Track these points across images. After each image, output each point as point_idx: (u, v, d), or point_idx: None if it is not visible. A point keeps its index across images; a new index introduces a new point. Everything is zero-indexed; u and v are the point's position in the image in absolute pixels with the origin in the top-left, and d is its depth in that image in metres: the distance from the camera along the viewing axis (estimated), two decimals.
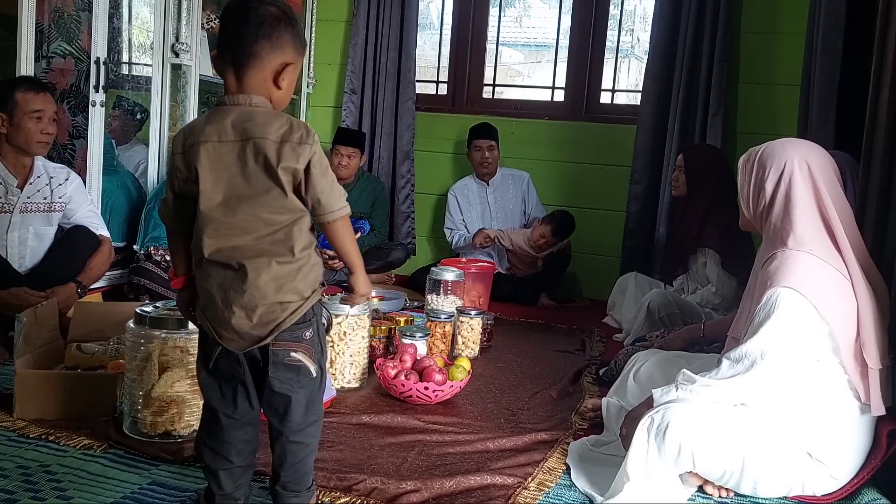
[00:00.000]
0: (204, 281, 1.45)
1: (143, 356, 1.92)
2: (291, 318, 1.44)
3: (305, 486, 1.54)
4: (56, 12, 3.17)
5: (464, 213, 4.39)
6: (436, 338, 2.81)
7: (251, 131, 1.40)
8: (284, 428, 1.49)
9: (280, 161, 1.39)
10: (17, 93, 2.65)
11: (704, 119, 3.97)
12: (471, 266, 3.66)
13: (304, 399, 1.49)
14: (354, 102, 4.67)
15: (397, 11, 4.52)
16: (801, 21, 3.60)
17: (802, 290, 1.76)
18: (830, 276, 1.80)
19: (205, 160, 1.40)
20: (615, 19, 4.44)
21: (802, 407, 1.80)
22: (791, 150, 1.92)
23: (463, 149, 4.46)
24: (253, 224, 1.41)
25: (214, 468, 1.51)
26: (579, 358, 3.02)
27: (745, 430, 1.78)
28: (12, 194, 2.73)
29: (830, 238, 1.84)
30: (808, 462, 1.79)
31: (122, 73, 3.75)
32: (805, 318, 1.76)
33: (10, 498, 1.61)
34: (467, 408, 2.38)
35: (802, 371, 1.79)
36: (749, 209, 1.98)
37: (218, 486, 1.52)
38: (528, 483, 1.84)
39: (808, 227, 1.84)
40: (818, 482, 1.81)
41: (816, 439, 1.79)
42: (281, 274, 1.42)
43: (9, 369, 2.31)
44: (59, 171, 2.89)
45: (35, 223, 2.79)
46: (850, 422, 1.81)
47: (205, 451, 1.52)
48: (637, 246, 4.16)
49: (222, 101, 1.46)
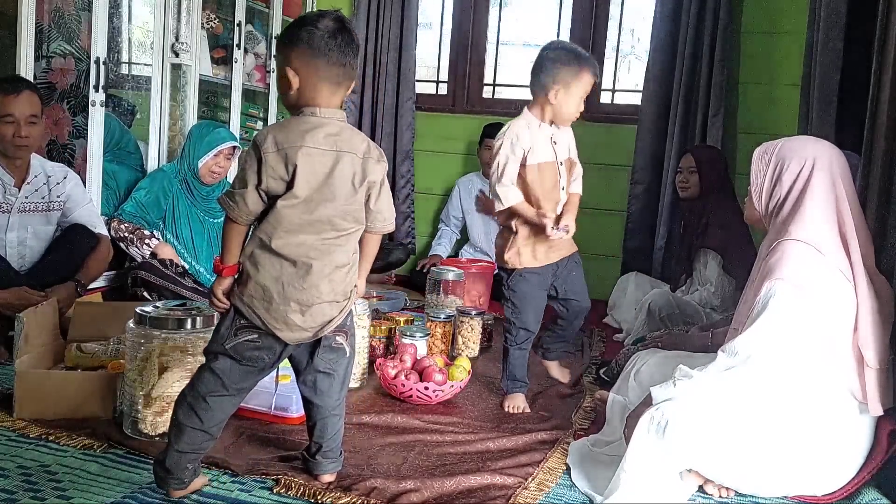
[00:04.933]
0: (257, 273, 1.58)
1: (143, 356, 1.92)
2: (340, 315, 1.65)
3: (340, 450, 1.79)
4: (56, 12, 3.16)
5: (464, 206, 4.40)
6: (436, 338, 2.81)
7: (341, 145, 1.59)
8: (325, 403, 1.73)
9: (366, 175, 1.61)
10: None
11: (704, 119, 3.96)
12: (471, 266, 3.66)
13: (343, 375, 1.74)
14: (354, 102, 4.66)
15: (397, 11, 4.52)
16: (801, 21, 3.59)
17: (799, 284, 1.77)
18: (830, 271, 1.80)
19: (303, 162, 1.55)
20: (615, 19, 4.43)
21: (800, 405, 1.80)
22: (814, 147, 1.93)
23: (463, 148, 4.47)
24: (324, 226, 1.59)
25: (186, 425, 1.61)
26: (579, 358, 3.02)
27: (745, 428, 1.78)
28: (10, 194, 2.72)
29: (840, 238, 1.84)
30: (808, 461, 1.79)
31: (122, 72, 3.75)
32: (800, 311, 1.76)
33: (10, 498, 1.61)
34: (467, 408, 2.38)
35: (799, 365, 1.78)
36: (762, 202, 1.97)
37: (178, 443, 1.62)
38: (528, 483, 1.84)
39: (818, 223, 1.84)
40: (817, 481, 1.81)
41: (815, 438, 1.79)
42: (337, 277, 1.62)
43: (9, 369, 2.31)
44: (57, 169, 2.89)
45: (34, 223, 2.79)
46: (848, 421, 1.81)
47: (182, 407, 1.63)
48: (637, 246, 4.16)
49: (312, 113, 1.60)
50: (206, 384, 1.61)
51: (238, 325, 1.61)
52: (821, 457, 1.79)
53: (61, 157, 3.20)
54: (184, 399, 1.63)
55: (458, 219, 4.42)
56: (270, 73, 4.34)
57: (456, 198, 4.41)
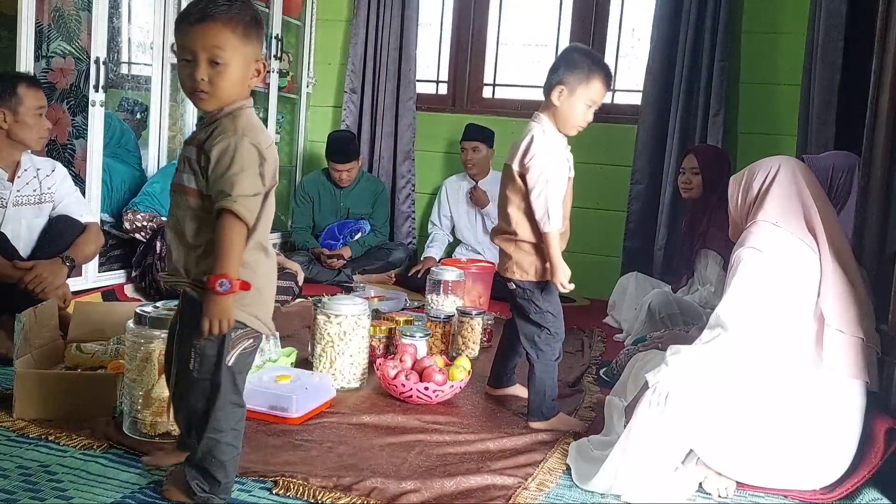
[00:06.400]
0: (256, 276, 1.55)
1: (143, 356, 1.92)
2: None
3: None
4: (56, 12, 3.17)
5: (452, 209, 4.43)
6: (436, 338, 2.81)
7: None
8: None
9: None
10: (20, 88, 2.64)
11: (704, 119, 3.97)
12: (471, 266, 3.66)
13: None
14: (354, 102, 4.66)
15: (397, 11, 4.52)
16: (801, 21, 3.60)
17: (762, 248, 1.89)
18: (794, 242, 1.92)
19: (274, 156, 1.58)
20: (615, 19, 4.43)
21: (778, 374, 1.86)
22: (780, 159, 2.09)
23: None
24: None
25: (233, 458, 1.62)
26: (579, 358, 3.02)
27: (734, 403, 1.84)
28: (4, 188, 2.72)
29: (806, 222, 1.95)
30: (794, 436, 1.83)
31: (122, 72, 3.75)
32: (764, 270, 1.88)
33: (9, 498, 1.61)
34: (467, 408, 2.38)
35: (771, 329, 1.86)
36: (738, 211, 2.10)
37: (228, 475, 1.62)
38: (528, 483, 1.84)
39: (779, 209, 1.96)
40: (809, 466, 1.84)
41: (796, 407, 1.83)
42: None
43: (9, 369, 2.31)
44: (45, 163, 2.89)
45: (27, 216, 2.78)
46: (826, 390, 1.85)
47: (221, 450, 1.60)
48: (637, 246, 4.16)
49: (250, 105, 1.60)
50: (231, 417, 1.57)
51: (233, 336, 1.55)
52: (806, 432, 1.82)
53: (61, 157, 3.20)
54: (217, 444, 1.57)
55: (448, 218, 4.46)
56: (270, 74, 4.34)
57: (444, 201, 4.46)
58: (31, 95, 2.66)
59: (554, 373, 2.24)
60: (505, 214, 2.23)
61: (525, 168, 2.16)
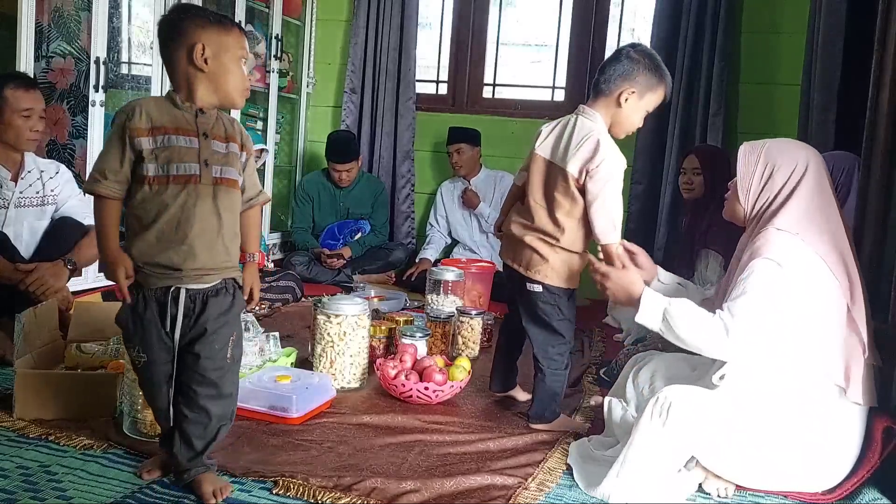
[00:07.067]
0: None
1: None
2: None
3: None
4: (56, 12, 3.17)
5: (447, 210, 4.46)
6: (436, 338, 2.81)
7: None
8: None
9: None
10: (7, 90, 2.63)
11: (704, 119, 3.96)
12: (471, 266, 3.66)
13: None
14: (354, 102, 4.67)
15: (397, 11, 4.52)
16: (801, 21, 3.60)
17: (781, 263, 1.79)
18: (813, 258, 1.83)
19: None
20: (615, 19, 4.43)
21: (787, 387, 1.83)
22: (805, 152, 1.93)
23: None
24: None
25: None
26: (579, 358, 3.02)
27: (740, 413, 1.81)
28: (6, 188, 2.72)
29: (828, 235, 1.86)
30: (797, 447, 1.81)
31: (122, 72, 3.75)
32: (781, 287, 1.79)
33: (9, 498, 1.61)
34: (467, 408, 2.38)
35: (782, 344, 1.81)
36: (749, 201, 1.96)
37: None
38: (528, 483, 1.84)
39: (802, 220, 1.86)
40: (810, 472, 1.83)
41: (802, 419, 1.81)
42: None
43: (9, 369, 2.31)
44: (49, 165, 2.89)
45: (29, 218, 2.78)
46: (833, 405, 1.83)
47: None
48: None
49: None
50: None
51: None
52: (810, 443, 1.81)
53: (61, 157, 3.20)
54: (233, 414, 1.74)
55: (445, 219, 4.49)
56: (270, 73, 4.34)
57: (439, 203, 4.49)
58: (17, 97, 2.64)
59: (564, 381, 2.21)
60: (550, 218, 2.10)
61: (590, 174, 2.03)
